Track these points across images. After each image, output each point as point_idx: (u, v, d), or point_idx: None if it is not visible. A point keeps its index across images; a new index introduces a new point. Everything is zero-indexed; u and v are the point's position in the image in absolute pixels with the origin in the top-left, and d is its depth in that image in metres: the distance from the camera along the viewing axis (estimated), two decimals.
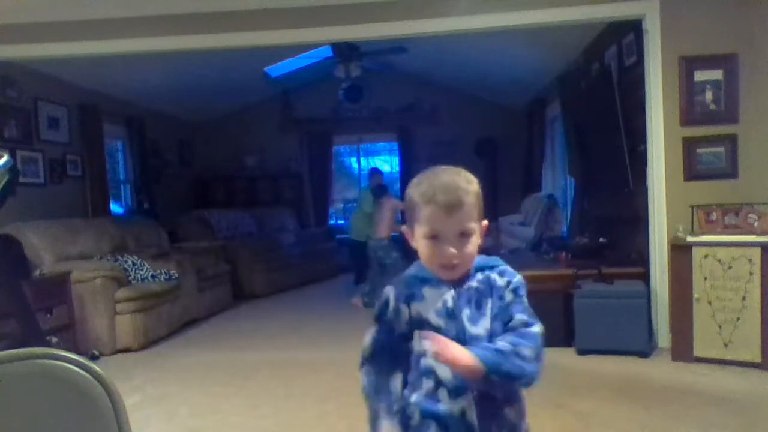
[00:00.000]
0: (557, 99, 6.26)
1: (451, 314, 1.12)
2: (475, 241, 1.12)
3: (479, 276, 1.16)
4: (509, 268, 1.19)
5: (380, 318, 1.18)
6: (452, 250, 1.09)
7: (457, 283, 1.14)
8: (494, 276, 1.16)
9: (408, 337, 1.15)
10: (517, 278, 1.17)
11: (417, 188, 1.13)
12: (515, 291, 1.15)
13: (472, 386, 1.09)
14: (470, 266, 1.14)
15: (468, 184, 1.13)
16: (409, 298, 1.15)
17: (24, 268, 3.91)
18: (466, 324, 1.11)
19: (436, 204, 1.09)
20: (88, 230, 4.96)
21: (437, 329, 1.11)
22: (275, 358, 4.06)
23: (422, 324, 1.13)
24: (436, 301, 1.13)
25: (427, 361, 1.11)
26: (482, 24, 4.00)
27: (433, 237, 1.10)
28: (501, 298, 1.14)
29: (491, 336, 1.11)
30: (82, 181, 5.92)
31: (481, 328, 1.11)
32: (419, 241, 1.13)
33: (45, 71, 5.30)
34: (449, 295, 1.13)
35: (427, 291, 1.14)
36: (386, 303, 1.16)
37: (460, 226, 1.09)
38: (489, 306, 1.13)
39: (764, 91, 3.62)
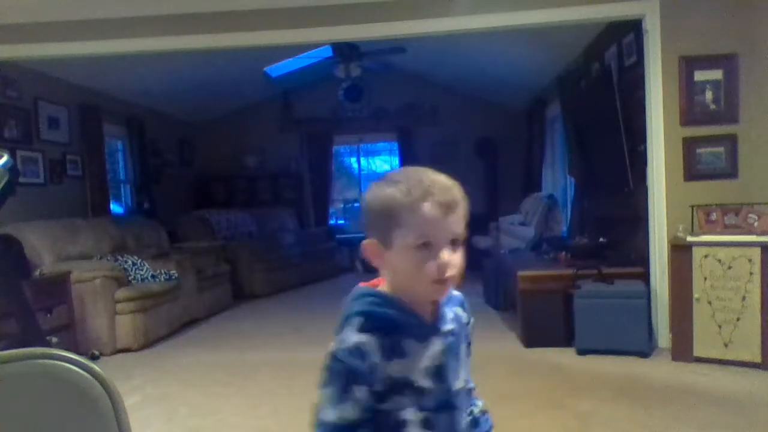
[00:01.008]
0: (557, 99, 6.26)
1: (440, 374, 0.92)
2: (462, 255, 0.92)
3: (450, 314, 0.98)
4: (461, 294, 1.03)
5: (356, 376, 0.87)
6: (448, 256, 0.89)
7: (436, 325, 0.95)
8: (459, 311, 1.00)
9: (380, 399, 0.89)
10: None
11: (397, 188, 0.89)
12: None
13: None
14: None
15: (457, 184, 0.93)
16: (391, 353, 0.88)
17: (24, 268, 3.91)
18: (451, 381, 0.94)
19: (432, 202, 0.88)
20: (88, 230, 4.96)
21: (420, 392, 0.90)
22: (275, 358, 4.06)
23: (405, 386, 0.89)
24: (422, 358, 0.91)
25: None
26: (482, 24, 4.00)
27: (424, 245, 0.88)
28: (467, 338, 1.01)
29: (468, 388, 0.98)
30: (82, 181, 5.91)
31: (461, 381, 0.96)
32: (401, 255, 0.90)
33: (45, 71, 5.30)
34: (438, 349, 0.93)
35: (409, 345, 0.90)
36: (362, 356, 0.87)
37: (457, 229, 0.90)
38: (463, 352, 0.98)
39: (764, 91, 3.62)
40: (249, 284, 6.70)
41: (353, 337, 0.88)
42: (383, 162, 9.47)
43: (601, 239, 4.69)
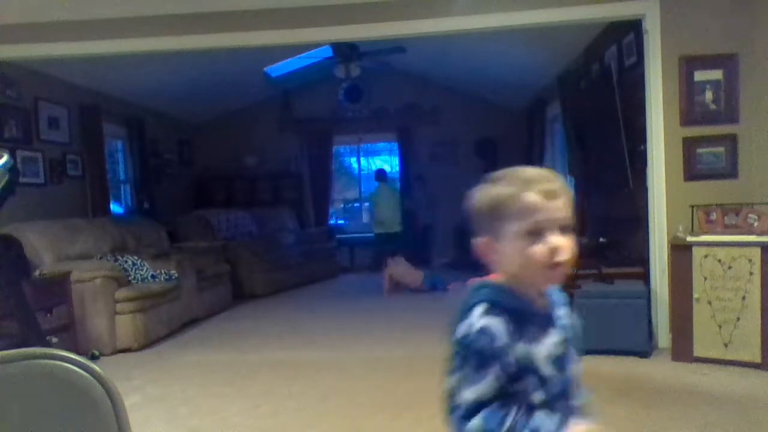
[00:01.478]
0: (557, 99, 6.26)
1: (559, 363, 0.97)
2: (573, 241, 0.95)
3: (559, 310, 1.03)
4: (564, 295, 1.08)
5: (488, 356, 0.92)
6: (557, 240, 0.93)
7: (551, 315, 1.00)
8: (566, 310, 1.04)
9: (509, 381, 0.94)
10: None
11: (501, 184, 0.96)
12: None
13: None
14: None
15: (558, 175, 0.98)
16: (516, 337, 0.94)
17: (24, 268, 3.91)
18: (569, 372, 1.00)
19: (533, 191, 0.93)
20: (88, 230, 4.96)
21: (543, 378, 0.95)
22: (275, 358, 4.06)
23: (528, 370, 0.94)
24: (543, 345, 0.96)
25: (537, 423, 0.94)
26: (482, 24, 4.00)
27: (532, 233, 0.93)
28: (575, 336, 1.04)
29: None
30: (82, 181, 5.91)
31: (573, 372, 1.01)
32: (511, 245, 0.94)
33: (45, 71, 5.30)
34: (556, 338, 0.98)
35: (531, 332, 0.95)
36: (491, 337, 0.92)
37: (561, 214, 0.94)
38: (574, 348, 1.03)
39: (764, 91, 3.62)
40: (249, 284, 6.69)
41: (480, 320, 0.93)
42: (383, 162, 9.47)
43: (601, 239, 4.69)
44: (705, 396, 2.92)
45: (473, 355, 0.92)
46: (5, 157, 3.22)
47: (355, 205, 9.69)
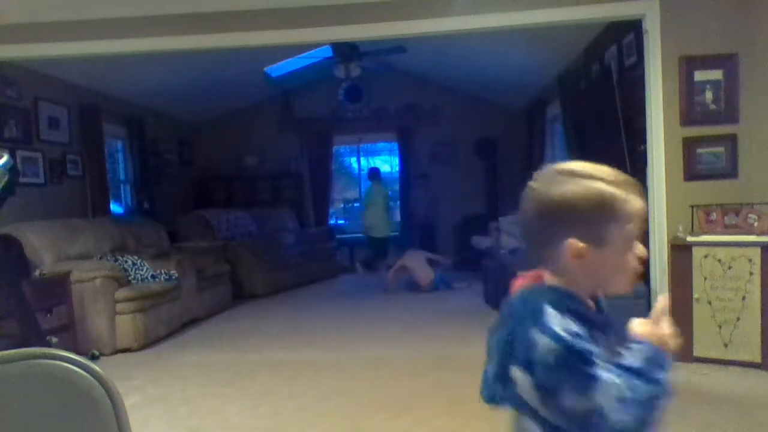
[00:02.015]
0: (557, 99, 6.26)
1: None
2: None
3: (604, 307, 0.99)
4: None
5: (591, 354, 0.83)
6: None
7: (608, 319, 0.96)
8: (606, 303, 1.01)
9: None
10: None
11: (605, 182, 0.89)
12: None
13: None
14: None
15: None
16: (590, 340, 0.86)
17: (24, 268, 3.91)
18: None
19: (639, 194, 0.90)
20: (88, 230, 4.96)
21: None
22: (275, 358, 4.06)
23: None
24: (609, 349, 0.88)
25: None
26: (482, 24, 4.00)
27: (632, 240, 0.90)
28: None
29: None
30: (82, 181, 5.91)
31: None
32: (616, 250, 0.88)
33: (45, 71, 5.30)
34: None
35: (598, 335, 0.87)
36: (582, 338, 0.84)
37: None
38: None
39: (764, 91, 3.62)
40: (249, 284, 6.69)
41: (566, 324, 0.84)
42: (383, 162, 9.47)
43: None
44: (705, 396, 2.92)
45: (579, 360, 0.81)
46: (5, 157, 3.22)
47: (355, 205, 9.69)
